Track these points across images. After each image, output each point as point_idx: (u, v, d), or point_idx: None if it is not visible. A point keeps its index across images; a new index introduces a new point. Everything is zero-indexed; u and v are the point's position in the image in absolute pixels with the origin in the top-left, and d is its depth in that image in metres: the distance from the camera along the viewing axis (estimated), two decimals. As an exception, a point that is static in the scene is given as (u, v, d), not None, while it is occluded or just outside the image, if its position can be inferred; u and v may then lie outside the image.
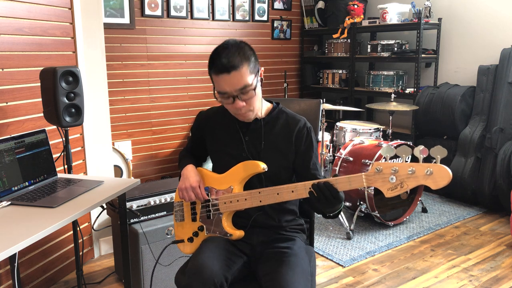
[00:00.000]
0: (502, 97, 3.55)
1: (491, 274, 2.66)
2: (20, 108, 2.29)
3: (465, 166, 3.67)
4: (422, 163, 1.24)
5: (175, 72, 4.19)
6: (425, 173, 1.23)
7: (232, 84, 1.43)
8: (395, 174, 1.27)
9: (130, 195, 2.31)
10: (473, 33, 4.00)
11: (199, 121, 1.73)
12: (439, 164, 1.22)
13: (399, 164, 1.26)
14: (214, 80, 1.48)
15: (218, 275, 1.39)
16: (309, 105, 1.96)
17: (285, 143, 1.57)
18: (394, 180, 1.27)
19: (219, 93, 1.48)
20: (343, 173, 3.39)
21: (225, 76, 1.43)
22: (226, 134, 1.63)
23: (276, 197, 1.46)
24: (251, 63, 1.46)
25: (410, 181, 1.25)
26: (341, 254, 2.90)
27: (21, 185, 1.82)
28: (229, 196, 1.54)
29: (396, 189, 1.27)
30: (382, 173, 1.29)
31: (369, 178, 1.31)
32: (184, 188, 1.58)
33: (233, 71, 1.42)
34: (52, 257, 2.53)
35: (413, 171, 1.24)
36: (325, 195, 1.35)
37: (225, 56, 1.43)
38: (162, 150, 4.24)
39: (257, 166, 1.50)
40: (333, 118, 4.92)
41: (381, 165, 1.29)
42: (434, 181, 1.22)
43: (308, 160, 1.58)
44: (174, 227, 1.73)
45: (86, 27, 2.68)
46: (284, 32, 4.92)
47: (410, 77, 4.42)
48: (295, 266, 1.45)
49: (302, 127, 1.58)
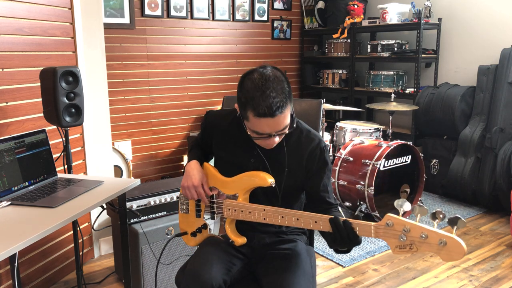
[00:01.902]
0: (502, 97, 3.55)
1: (491, 274, 2.66)
2: (20, 108, 2.29)
3: (465, 166, 3.67)
4: (436, 231, 1.15)
5: (175, 72, 4.19)
6: (438, 242, 1.13)
7: (274, 127, 1.35)
8: (406, 234, 1.19)
9: (130, 195, 2.30)
10: (473, 33, 4.00)
11: (207, 121, 1.67)
12: (453, 237, 1.12)
13: (412, 224, 1.18)
14: (250, 119, 1.35)
15: (217, 278, 1.38)
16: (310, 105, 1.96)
17: (296, 163, 1.50)
18: (405, 239, 1.19)
19: (255, 132, 1.38)
20: (343, 173, 3.39)
21: (268, 120, 1.32)
22: (233, 144, 1.57)
23: (280, 220, 1.40)
24: (291, 101, 1.37)
25: (421, 246, 1.17)
26: (341, 254, 2.90)
27: (21, 185, 1.82)
28: (234, 204, 1.52)
29: (404, 248, 1.20)
30: (392, 229, 1.21)
31: (378, 230, 1.23)
32: (187, 187, 1.56)
33: (279, 115, 1.32)
34: (52, 257, 2.53)
35: (425, 236, 1.15)
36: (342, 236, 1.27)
37: (269, 98, 1.30)
38: (162, 150, 4.24)
39: (265, 180, 1.46)
40: (333, 118, 4.92)
41: (392, 219, 1.21)
42: (447, 253, 1.13)
43: (318, 182, 1.50)
44: (178, 217, 1.71)
45: (86, 27, 2.68)
46: (284, 32, 4.92)
47: (410, 77, 4.42)
48: (297, 268, 1.45)
49: (315, 147, 1.50)
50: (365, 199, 3.18)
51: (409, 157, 3.37)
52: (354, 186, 3.26)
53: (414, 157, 3.41)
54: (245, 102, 1.34)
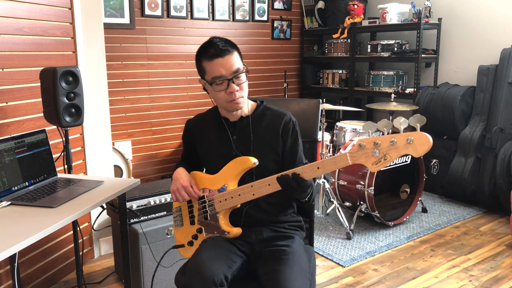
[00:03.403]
0: (502, 97, 3.56)
1: (491, 274, 2.66)
2: (20, 108, 2.29)
3: (465, 166, 3.67)
4: (402, 133, 1.25)
5: (175, 72, 4.19)
6: (405, 142, 1.23)
7: (226, 67, 1.50)
8: (377, 147, 1.28)
9: (130, 195, 2.31)
10: (473, 33, 4.00)
11: (187, 128, 1.77)
12: (418, 132, 1.23)
13: (381, 137, 1.27)
14: (207, 68, 1.54)
15: (218, 274, 1.40)
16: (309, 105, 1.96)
17: (273, 138, 1.61)
18: (378, 153, 1.28)
19: (214, 78, 1.52)
20: (343, 172, 3.39)
21: (219, 60, 1.50)
22: (214, 136, 1.67)
23: (268, 188, 1.48)
24: (239, 52, 1.57)
25: (392, 152, 1.26)
26: (341, 254, 2.90)
27: (21, 185, 1.82)
28: (223, 194, 1.56)
29: (380, 162, 1.28)
30: (365, 149, 1.30)
31: (353, 155, 1.32)
32: (176, 189, 1.61)
33: (227, 55, 1.51)
34: (52, 257, 2.53)
35: (394, 142, 1.25)
36: (291, 186, 1.41)
37: (216, 43, 1.52)
38: (162, 150, 4.25)
39: (248, 161, 1.52)
40: (333, 118, 4.92)
41: (363, 140, 1.30)
42: (415, 149, 1.23)
43: (294, 154, 1.62)
44: (174, 233, 1.74)
45: (86, 27, 2.68)
46: (284, 32, 4.92)
47: (410, 77, 4.42)
48: (294, 264, 1.46)
49: (288, 121, 1.62)
50: (365, 199, 3.18)
51: (409, 157, 3.37)
52: (354, 186, 3.26)
53: (414, 157, 3.41)
54: (199, 57, 1.56)
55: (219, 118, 1.66)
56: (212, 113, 1.71)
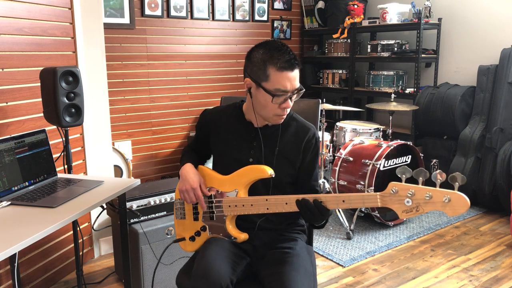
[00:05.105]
0: (502, 97, 3.56)
1: (491, 274, 2.66)
2: (20, 108, 2.29)
3: (465, 166, 3.67)
4: (440, 189, 1.20)
5: (175, 72, 4.19)
6: (442, 200, 1.19)
7: (293, 83, 1.42)
8: (411, 197, 1.24)
9: (130, 195, 2.31)
10: (473, 33, 4.00)
11: (204, 119, 1.68)
12: (457, 192, 1.18)
13: (416, 187, 1.23)
14: (273, 77, 1.42)
15: (225, 278, 1.38)
16: (308, 105, 1.96)
17: (294, 151, 1.56)
18: (410, 203, 1.24)
19: (277, 91, 1.42)
20: (343, 172, 3.39)
21: (289, 73, 1.41)
22: (232, 136, 1.60)
23: (284, 207, 1.43)
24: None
25: (427, 206, 1.22)
26: (341, 254, 2.91)
27: (21, 185, 1.82)
28: (234, 199, 1.52)
29: (411, 212, 1.24)
30: (397, 195, 1.26)
31: (384, 198, 1.28)
32: (185, 190, 1.56)
33: (296, 69, 1.42)
34: (52, 257, 2.53)
35: (430, 196, 1.21)
36: (312, 212, 1.36)
37: (286, 53, 1.40)
38: (162, 150, 4.25)
39: (264, 172, 1.47)
40: (333, 118, 4.92)
41: (397, 186, 1.26)
42: (452, 208, 1.19)
43: (311, 171, 1.59)
44: (174, 225, 1.71)
45: (86, 27, 2.68)
46: (284, 32, 4.92)
47: (410, 77, 4.42)
48: (299, 266, 1.45)
49: (311, 137, 1.58)
50: (365, 199, 3.17)
51: (409, 157, 3.37)
52: (354, 186, 3.26)
53: (414, 157, 3.41)
54: (265, 61, 1.41)
55: (242, 119, 1.59)
56: (233, 111, 1.63)
